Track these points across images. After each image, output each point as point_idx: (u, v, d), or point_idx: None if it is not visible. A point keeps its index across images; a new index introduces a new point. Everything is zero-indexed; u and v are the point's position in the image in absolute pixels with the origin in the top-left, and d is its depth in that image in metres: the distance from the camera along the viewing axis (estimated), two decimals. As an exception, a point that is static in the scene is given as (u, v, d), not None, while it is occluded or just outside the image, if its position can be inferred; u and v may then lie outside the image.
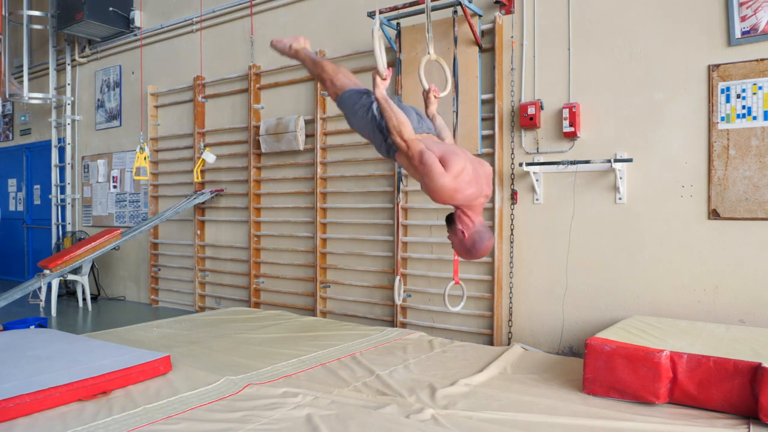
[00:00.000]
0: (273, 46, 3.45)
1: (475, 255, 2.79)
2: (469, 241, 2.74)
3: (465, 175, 2.66)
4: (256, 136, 5.91)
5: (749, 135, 3.65)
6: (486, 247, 2.75)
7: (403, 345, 4.04)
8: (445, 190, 2.64)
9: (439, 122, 3.18)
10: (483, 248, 2.75)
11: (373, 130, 2.98)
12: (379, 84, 2.83)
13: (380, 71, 2.83)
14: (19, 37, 8.17)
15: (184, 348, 3.93)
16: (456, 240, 2.81)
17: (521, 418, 2.67)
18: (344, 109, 3.16)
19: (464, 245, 2.77)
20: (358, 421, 2.60)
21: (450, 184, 2.62)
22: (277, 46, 3.44)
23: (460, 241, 2.78)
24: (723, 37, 3.73)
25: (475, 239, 2.73)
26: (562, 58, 4.30)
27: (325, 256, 5.52)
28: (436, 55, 3.29)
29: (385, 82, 2.84)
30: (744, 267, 3.68)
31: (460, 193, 2.66)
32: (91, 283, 7.44)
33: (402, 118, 2.75)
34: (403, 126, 2.73)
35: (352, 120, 3.13)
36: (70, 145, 7.97)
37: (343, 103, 3.14)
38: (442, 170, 2.63)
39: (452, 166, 2.63)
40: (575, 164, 4.16)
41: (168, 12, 6.89)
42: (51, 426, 2.55)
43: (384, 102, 2.78)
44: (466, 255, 2.83)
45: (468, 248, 2.76)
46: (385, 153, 3.00)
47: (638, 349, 2.91)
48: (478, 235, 2.73)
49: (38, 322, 5.04)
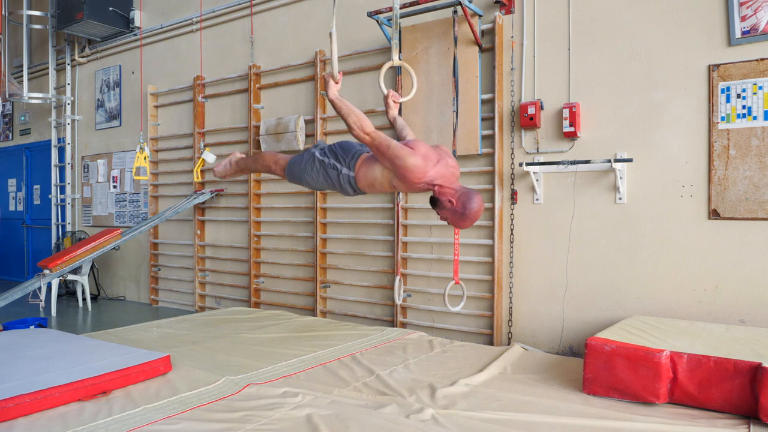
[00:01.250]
0: (217, 174, 3.72)
1: (471, 216, 2.85)
2: (459, 206, 2.84)
3: (430, 155, 2.85)
4: (256, 136, 5.91)
5: (749, 135, 3.65)
6: (478, 204, 2.84)
7: (403, 345, 4.04)
8: (417, 168, 2.78)
9: (400, 122, 3.38)
10: (475, 206, 2.83)
11: (325, 173, 3.14)
12: (331, 86, 2.94)
13: (334, 74, 2.97)
14: (19, 36, 8.17)
15: (184, 348, 3.92)
16: (447, 213, 2.89)
17: (521, 418, 2.66)
18: (295, 176, 3.32)
19: (456, 212, 2.85)
20: (358, 421, 2.60)
21: (421, 162, 2.79)
22: (220, 172, 3.71)
23: (451, 211, 2.87)
24: (723, 36, 3.73)
25: (464, 201, 2.83)
26: (562, 58, 4.30)
27: (325, 256, 5.52)
28: (399, 62, 3.44)
29: (337, 85, 2.98)
30: (744, 267, 3.68)
31: (431, 169, 2.82)
32: (91, 283, 7.44)
33: (359, 113, 2.89)
34: (363, 120, 2.86)
35: (307, 179, 3.27)
36: (70, 145, 7.97)
37: (292, 171, 3.32)
38: (411, 151, 2.80)
39: (417, 148, 2.83)
40: (575, 164, 4.16)
41: (168, 12, 6.89)
42: (51, 426, 2.54)
43: (338, 101, 2.91)
44: (462, 221, 2.88)
45: (462, 212, 2.84)
46: (347, 186, 3.13)
47: (638, 349, 2.90)
48: (465, 196, 2.84)
49: (38, 322, 5.04)
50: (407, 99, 3.48)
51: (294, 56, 5.75)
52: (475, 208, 2.83)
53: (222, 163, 3.70)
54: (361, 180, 3.05)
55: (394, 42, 3.44)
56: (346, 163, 3.07)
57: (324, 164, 3.13)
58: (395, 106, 3.37)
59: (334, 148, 3.15)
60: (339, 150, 3.14)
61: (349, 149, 3.13)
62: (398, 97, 3.34)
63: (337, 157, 3.11)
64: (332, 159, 3.11)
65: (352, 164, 3.06)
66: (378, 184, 3.01)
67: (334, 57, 3.04)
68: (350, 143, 3.17)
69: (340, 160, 3.10)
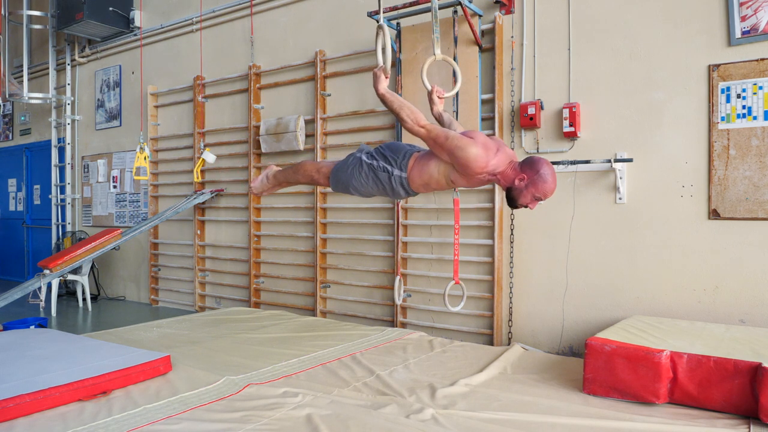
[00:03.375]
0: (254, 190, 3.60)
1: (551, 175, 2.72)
2: (533, 174, 2.71)
3: (489, 144, 2.78)
4: (256, 136, 5.91)
5: (749, 135, 3.65)
6: (547, 162, 2.73)
7: (403, 345, 4.04)
8: (480, 158, 2.70)
9: (447, 118, 3.23)
10: (545, 165, 2.72)
11: (375, 177, 3.02)
12: (381, 80, 2.84)
13: (386, 68, 2.85)
14: (19, 37, 8.17)
15: (184, 348, 3.92)
16: (527, 190, 2.74)
17: (521, 418, 2.66)
18: (342, 183, 3.17)
19: (534, 181, 2.71)
20: (358, 421, 2.60)
21: (482, 151, 2.71)
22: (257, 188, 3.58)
23: (529, 183, 2.72)
24: (723, 36, 3.73)
25: (530, 166, 2.72)
26: (562, 58, 4.30)
27: (325, 256, 5.52)
28: (442, 56, 3.29)
29: (387, 79, 2.88)
30: (744, 267, 3.68)
31: (493, 158, 2.74)
32: (91, 283, 7.44)
33: (413, 108, 2.78)
34: (417, 113, 2.77)
35: (355, 185, 3.13)
36: (70, 145, 7.97)
37: (337, 178, 3.18)
38: (471, 140, 2.72)
39: (476, 138, 2.76)
40: (575, 164, 4.16)
41: (168, 12, 6.89)
42: (51, 426, 2.54)
43: (389, 95, 2.80)
44: (545, 185, 2.72)
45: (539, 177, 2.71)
46: (399, 188, 3.01)
47: (638, 349, 2.90)
48: (527, 163, 2.74)
49: (38, 322, 5.04)
50: (452, 94, 3.35)
51: (294, 56, 5.75)
52: (546, 166, 2.72)
53: (258, 179, 3.56)
54: (416, 180, 2.95)
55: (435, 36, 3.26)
56: (398, 164, 2.96)
57: (373, 168, 3.01)
58: (440, 102, 3.23)
59: (382, 150, 3.04)
60: (388, 151, 3.02)
61: (399, 149, 3.02)
62: (443, 92, 3.22)
63: (386, 158, 3.00)
64: (381, 161, 3.00)
65: (404, 164, 2.95)
66: (434, 182, 2.92)
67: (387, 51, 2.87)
68: (398, 144, 3.06)
69: (390, 161, 2.98)
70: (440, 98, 3.22)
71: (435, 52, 3.27)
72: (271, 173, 3.52)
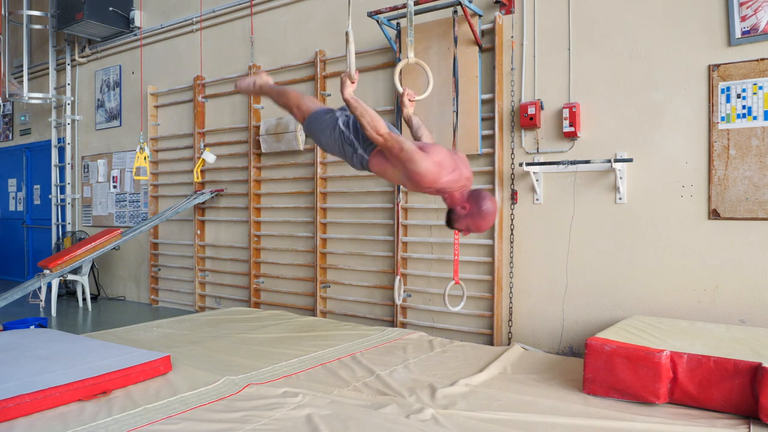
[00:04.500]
0: (238, 88, 3.54)
1: (488, 214, 2.75)
2: (474, 208, 2.75)
3: (445, 162, 2.76)
4: (256, 136, 5.91)
5: (749, 135, 3.65)
6: (491, 200, 2.75)
7: (403, 345, 4.04)
8: (429, 173, 2.70)
9: (416, 121, 3.27)
10: (489, 202, 2.75)
11: (342, 144, 3.05)
12: (347, 85, 2.88)
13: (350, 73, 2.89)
14: (19, 36, 8.17)
15: (184, 348, 3.92)
16: (465, 219, 2.79)
17: (521, 418, 2.66)
18: (311, 130, 3.22)
19: (472, 214, 2.75)
20: (358, 421, 2.60)
21: (433, 167, 2.71)
22: (242, 87, 3.53)
23: (468, 216, 2.77)
24: (723, 37, 3.73)
25: (475, 200, 2.76)
26: (562, 58, 4.30)
27: (325, 256, 5.52)
28: (415, 59, 3.38)
29: (353, 85, 2.90)
30: (744, 267, 3.68)
31: (443, 177, 2.73)
32: (91, 283, 7.44)
33: (374, 115, 2.83)
34: (377, 121, 2.79)
35: (321, 139, 3.19)
36: (70, 145, 7.97)
37: (310, 125, 3.22)
38: (424, 154, 2.72)
39: (432, 153, 2.74)
40: (575, 164, 4.16)
41: (168, 12, 6.89)
42: (51, 426, 2.54)
43: (354, 102, 2.84)
44: (481, 221, 2.77)
45: (479, 212, 2.74)
46: (358, 165, 3.06)
47: (638, 349, 2.91)
48: (474, 196, 2.77)
49: (38, 322, 5.04)
50: (423, 97, 3.39)
51: (294, 56, 5.75)
52: (489, 204, 2.75)
53: (247, 81, 3.47)
54: (375, 166, 2.98)
55: (409, 39, 3.35)
56: (363, 146, 2.96)
57: (344, 136, 3.01)
58: (411, 105, 3.27)
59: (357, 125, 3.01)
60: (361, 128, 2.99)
61: None
62: (414, 95, 3.25)
63: (357, 134, 3.00)
64: (352, 135, 2.99)
65: (369, 149, 2.96)
66: (389, 177, 2.95)
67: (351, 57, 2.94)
68: None
69: (360, 139, 2.99)
70: (411, 101, 3.27)
71: (408, 56, 3.35)
72: (259, 82, 3.45)
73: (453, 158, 2.83)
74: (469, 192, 2.80)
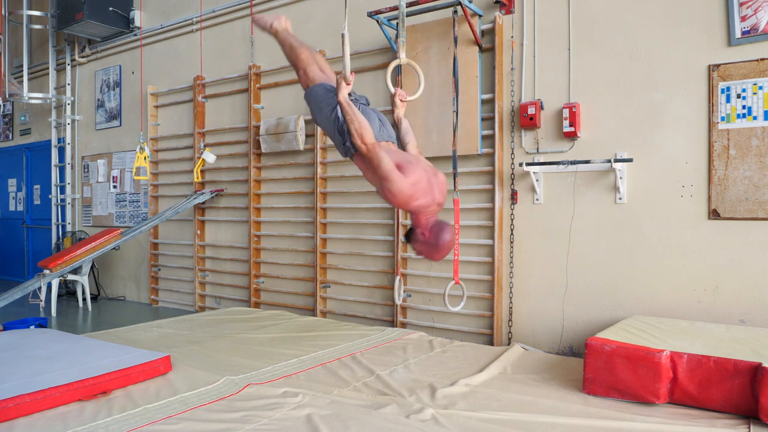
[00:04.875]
0: (255, 21, 3.47)
1: (444, 247, 2.88)
2: (432, 238, 2.86)
3: (421, 185, 2.82)
4: (256, 136, 5.91)
5: (749, 135, 3.65)
6: (450, 235, 2.87)
7: (403, 345, 4.04)
8: (402, 194, 2.77)
9: (405, 125, 3.30)
10: (448, 237, 2.86)
11: (334, 130, 3.06)
12: (343, 88, 2.88)
13: (346, 76, 2.89)
14: (19, 36, 8.17)
15: (184, 348, 3.92)
16: (421, 245, 2.92)
17: (521, 418, 2.66)
18: (310, 103, 3.22)
19: (429, 244, 2.88)
20: (358, 421, 2.60)
21: (407, 189, 2.77)
22: (258, 22, 3.44)
23: (424, 242, 2.90)
24: (723, 36, 3.73)
25: (436, 232, 2.86)
26: (562, 58, 4.30)
27: (325, 256, 5.52)
28: (407, 59, 3.40)
29: (349, 87, 2.92)
30: (744, 267, 3.68)
31: (414, 201, 2.81)
32: (91, 283, 7.44)
33: (363, 123, 2.84)
34: (364, 130, 2.82)
35: (316, 115, 3.19)
36: (70, 145, 7.97)
37: (311, 96, 3.20)
38: (401, 175, 2.77)
39: (409, 174, 2.79)
40: (575, 164, 4.16)
41: (168, 12, 6.89)
42: (51, 426, 2.54)
43: (347, 106, 2.85)
44: (435, 252, 2.91)
45: (435, 244, 2.86)
46: (343, 153, 3.08)
47: (638, 349, 2.90)
48: (436, 227, 2.87)
49: (38, 322, 5.04)
50: (414, 98, 3.42)
51: (294, 56, 5.74)
52: (447, 239, 2.86)
53: (266, 18, 3.37)
54: (357, 164, 3.03)
55: (401, 40, 3.39)
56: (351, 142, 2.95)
57: (338, 123, 2.99)
58: (402, 106, 3.30)
59: None
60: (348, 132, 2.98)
61: None
62: (406, 96, 3.28)
63: None
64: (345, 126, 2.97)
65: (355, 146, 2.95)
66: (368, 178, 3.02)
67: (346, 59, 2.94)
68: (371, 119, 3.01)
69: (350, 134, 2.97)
70: (402, 101, 3.29)
71: (400, 56, 3.38)
72: (277, 26, 3.35)
73: (429, 182, 2.88)
74: (434, 222, 2.89)
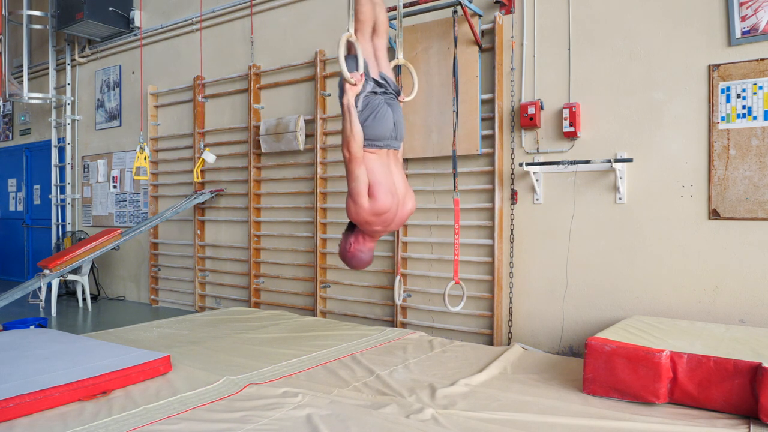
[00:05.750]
0: None
1: (352, 267, 3.17)
2: (349, 255, 3.09)
3: (383, 217, 2.94)
4: (256, 136, 5.91)
5: (749, 135, 3.65)
6: (362, 264, 3.14)
7: (403, 345, 4.04)
8: (359, 215, 2.90)
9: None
10: (359, 265, 3.14)
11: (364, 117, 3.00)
12: (348, 90, 2.86)
13: (347, 78, 2.84)
14: (19, 36, 8.17)
15: (184, 348, 3.92)
16: (344, 245, 3.12)
17: (521, 418, 2.66)
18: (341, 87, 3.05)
19: (345, 255, 3.12)
20: (358, 421, 2.60)
21: (366, 215, 2.89)
22: None
23: (345, 249, 3.11)
24: (723, 36, 3.73)
25: (355, 256, 3.09)
26: (562, 58, 4.30)
27: (326, 256, 5.52)
28: (404, 60, 3.48)
29: (356, 88, 2.88)
30: (744, 267, 3.68)
31: (368, 225, 2.95)
32: (91, 283, 7.44)
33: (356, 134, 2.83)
34: (354, 141, 2.83)
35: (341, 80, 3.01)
36: (70, 145, 7.97)
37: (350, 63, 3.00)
38: (366, 201, 2.86)
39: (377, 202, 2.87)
40: (575, 164, 4.16)
41: (168, 12, 6.89)
42: (51, 426, 2.54)
43: (347, 112, 2.85)
44: (345, 262, 3.16)
45: (347, 259, 3.12)
46: None
47: (638, 349, 2.90)
48: (360, 254, 3.09)
49: (38, 322, 5.04)
50: (410, 99, 3.45)
51: (294, 56, 5.75)
52: (355, 267, 3.13)
53: None
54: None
55: (399, 41, 3.41)
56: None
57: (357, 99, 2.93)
58: None
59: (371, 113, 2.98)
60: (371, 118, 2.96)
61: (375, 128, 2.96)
62: (402, 97, 3.29)
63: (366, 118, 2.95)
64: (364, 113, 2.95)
65: None
66: None
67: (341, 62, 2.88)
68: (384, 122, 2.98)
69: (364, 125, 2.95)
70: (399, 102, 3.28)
71: (397, 56, 3.45)
72: None
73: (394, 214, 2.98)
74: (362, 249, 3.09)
